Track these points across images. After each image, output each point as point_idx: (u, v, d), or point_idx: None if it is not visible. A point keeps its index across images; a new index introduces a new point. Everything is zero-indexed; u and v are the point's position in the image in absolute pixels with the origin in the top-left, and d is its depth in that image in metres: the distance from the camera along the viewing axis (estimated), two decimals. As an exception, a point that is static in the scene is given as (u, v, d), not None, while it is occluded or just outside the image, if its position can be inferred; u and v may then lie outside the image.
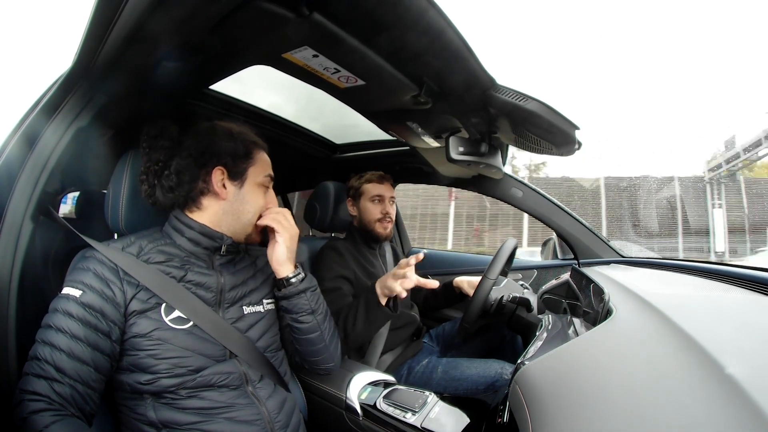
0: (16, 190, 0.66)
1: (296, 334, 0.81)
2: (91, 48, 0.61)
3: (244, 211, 0.77)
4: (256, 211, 0.78)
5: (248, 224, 0.78)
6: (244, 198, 0.77)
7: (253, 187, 0.77)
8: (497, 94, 0.75)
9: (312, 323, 0.80)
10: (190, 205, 0.75)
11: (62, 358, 0.58)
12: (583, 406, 0.41)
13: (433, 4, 0.55)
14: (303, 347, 0.82)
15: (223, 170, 0.75)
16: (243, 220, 0.77)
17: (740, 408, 0.31)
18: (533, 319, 1.11)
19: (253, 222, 0.78)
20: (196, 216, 0.75)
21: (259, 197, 0.78)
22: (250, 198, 0.77)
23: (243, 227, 0.77)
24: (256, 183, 0.78)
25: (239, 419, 0.67)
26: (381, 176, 1.32)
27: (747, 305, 0.63)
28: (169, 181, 0.73)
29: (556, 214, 1.39)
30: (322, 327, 0.82)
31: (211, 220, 0.75)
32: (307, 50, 0.63)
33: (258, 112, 1.23)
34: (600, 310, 0.71)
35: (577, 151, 0.90)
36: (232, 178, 0.76)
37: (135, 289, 0.66)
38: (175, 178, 0.72)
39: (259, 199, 0.78)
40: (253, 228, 0.78)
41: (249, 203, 0.77)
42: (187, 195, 0.74)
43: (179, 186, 0.73)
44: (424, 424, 0.77)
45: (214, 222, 0.75)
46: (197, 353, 0.68)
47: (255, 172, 0.78)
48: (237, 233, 0.77)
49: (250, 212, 0.77)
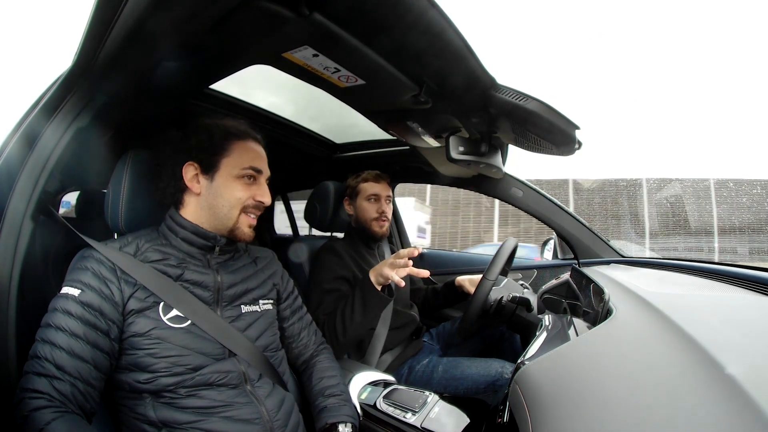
0: (16, 189, 0.66)
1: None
2: (91, 48, 0.61)
3: (218, 205, 0.75)
4: (233, 204, 0.75)
5: (226, 219, 0.75)
6: (217, 191, 0.75)
7: (227, 180, 0.75)
8: (497, 93, 0.75)
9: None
10: (178, 203, 0.76)
11: (62, 356, 0.58)
12: (583, 406, 0.41)
13: (434, 4, 0.55)
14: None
15: (194, 165, 0.74)
16: (219, 215, 0.75)
17: (740, 408, 0.31)
18: (533, 319, 1.11)
19: (233, 216, 0.75)
20: (184, 213, 0.76)
21: (236, 190, 0.75)
22: (223, 191, 0.74)
23: (222, 222, 0.75)
24: (231, 175, 0.75)
25: (238, 418, 0.67)
26: (377, 175, 1.32)
27: (747, 305, 0.63)
28: (158, 180, 0.75)
29: (556, 214, 1.39)
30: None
31: (194, 216, 0.75)
32: (307, 50, 0.62)
33: (258, 111, 1.23)
34: (600, 310, 0.71)
35: (577, 150, 0.90)
36: (204, 171, 0.75)
37: (133, 288, 0.67)
38: (160, 177, 0.75)
39: (235, 191, 0.75)
40: (235, 222, 0.76)
41: (222, 197, 0.74)
42: (173, 193, 0.75)
43: (165, 185, 0.75)
44: (424, 424, 0.77)
45: (196, 218, 0.75)
46: (196, 352, 0.68)
47: (230, 164, 0.75)
48: (218, 228, 0.76)
49: (225, 206, 0.75)
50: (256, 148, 0.79)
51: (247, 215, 0.77)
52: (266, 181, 0.80)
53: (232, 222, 0.76)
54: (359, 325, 1.03)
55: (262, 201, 0.77)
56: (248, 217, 0.77)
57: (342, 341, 1.04)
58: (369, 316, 1.04)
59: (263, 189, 0.78)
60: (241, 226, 0.76)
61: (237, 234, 0.77)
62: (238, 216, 0.76)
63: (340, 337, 1.04)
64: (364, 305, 1.02)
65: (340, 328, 1.04)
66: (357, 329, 1.04)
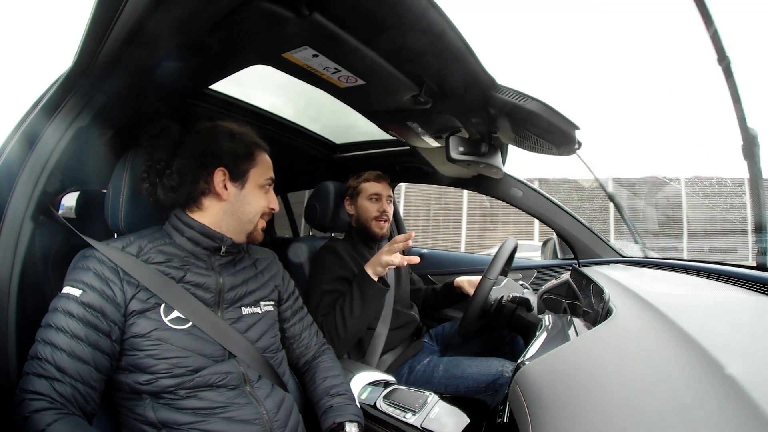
0: (16, 190, 0.66)
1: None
2: (91, 48, 0.61)
3: (245, 212, 0.77)
4: (257, 211, 0.79)
5: (249, 224, 0.79)
6: (246, 199, 0.77)
7: (254, 189, 0.78)
8: (497, 93, 0.75)
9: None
10: (191, 205, 0.76)
11: (63, 357, 0.58)
12: (583, 406, 0.41)
13: (434, 4, 0.55)
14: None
15: (224, 171, 0.75)
16: (243, 221, 0.78)
17: (740, 408, 0.31)
18: (533, 319, 1.11)
19: (254, 222, 0.79)
20: (196, 216, 0.76)
21: (260, 198, 0.79)
22: (251, 199, 0.78)
23: (243, 227, 0.78)
24: (257, 184, 0.79)
25: (238, 419, 0.67)
26: (378, 175, 1.33)
27: (747, 305, 0.63)
28: (170, 180, 0.73)
29: (556, 213, 1.39)
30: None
31: (211, 220, 0.76)
32: (307, 50, 0.63)
33: (258, 111, 1.23)
34: (600, 310, 0.71)
35: (577, 150, 0.90)
36: (234, 179, 0.76)
37: (135, 289, 0.66)
38: (177, 177, 0.73)
39: (260, 200, 0.79)
40: (254, 227, 0.79)
41: (250, 204, 0.78)
42: (188, 195, 0.74)
43: (181, 186, 0.73)
44: (424, 424, 0.77)
45: (215, 222, 0.76)
46: (196, 353, 0.68)
47: (256, 174, 0.78)
48: (238, 234, 0.78)
49: (251, 213, 0.78)
50: (269, 159, 0.83)
51: (262, 219, 0.81)
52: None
53: (252, 227, 0.80)
54: (359, 319, 1.04)
55: (275, 208, 0.82)
56: (262, 221, 0.82)
57: (343, 337, 1.04)
58: (368, 309, 1.06)
59: (273, 196, 0.83)
60: (258, 230, 0.81)
61: (255, 236, 0.81)
62: (257, 222, 0.80)
63: (341, 333, 1.04)
64: (362, 298, 1.05)
65: (340, 324, 1.05)
66: (357, 324, 1.05)
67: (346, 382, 0.89)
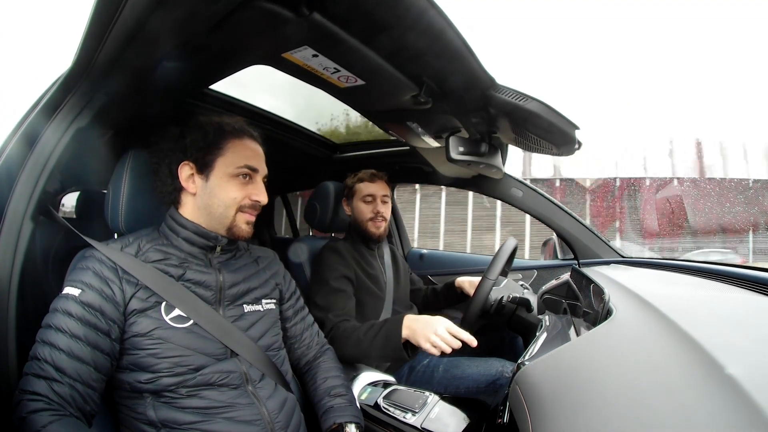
0: (16, 190, 0.66)
1: None
2: (91, 48, 0.61)
3: (213, 205, 0.74)
4: (228, 204, 0.74)
5: (223, 218, 0.75)
6: (212, 191, 0.74)
7: (222, 180, 0.74)
8: (497, 94, 0.75)
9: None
10: (176, 203, 0.77)
11: (62, 357, 0.58)
12: (583, 406, 0.41)
13: (433, 4, 0.55)
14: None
15: (190, 164, 0.74)
16: (215, 215, 0.75)
17: (740, 408, 0.31)
18: (533, 319, 1.11)
19: (229, 215, 0.75)
20: (183, 212, 0.76)
21: (230, 190, 0.74)
22: (218, 191, 0.74)
23: (219, 221, 0.75)
24: (226, 174, 0.74)
25: (239, 419, 0.67)
26: (373, 174, 1.29)
27: (747, 305, 0.63)
28: (156, 179, 0.76)
29: (555, 214, 1.39)
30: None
31: (192, 215, 0.75)
32: (307, 50, 0.63)
33: (258, 111, 1.23)
34: (600, 310, 0.71)
35: (577, 150, 0.90)
36: (200, 171, 0.74)
37: (134, 288, 0.66)
38: (158, 177, 0.75)
39: (229, 191, 0.74)
40: (232, 221, 0.75)
41: (217, 197, 0.74)
42: (170, 193, 0.76)
43: (162, 185, 0.75)
44: (424, 424, 0.77)
45: (195, 218, 0.75)
46: (198, 352, 0.68)
47: (225, 163, 0.74)
48: (216, 228, 0.76)
49: (221, 206, 0.74)
50: (252, 145, 0.78)
51: (244, 213, 0.76)
52: (264, 179, 0.80)
53: (228, 221, 0.75)
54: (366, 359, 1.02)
55: (258, 200, 0.76)
56: (245, 215, 0.76)
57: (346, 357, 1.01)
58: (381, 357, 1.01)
59: (259, 188, 0.77)
60: (239, 224, 0.76)
61: (235, 232, 0.76)
62: (234, 215, 0.75)
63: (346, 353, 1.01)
64: (383, 348, 0.97)
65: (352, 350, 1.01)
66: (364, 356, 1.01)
67: (347, 382, 0.88)
